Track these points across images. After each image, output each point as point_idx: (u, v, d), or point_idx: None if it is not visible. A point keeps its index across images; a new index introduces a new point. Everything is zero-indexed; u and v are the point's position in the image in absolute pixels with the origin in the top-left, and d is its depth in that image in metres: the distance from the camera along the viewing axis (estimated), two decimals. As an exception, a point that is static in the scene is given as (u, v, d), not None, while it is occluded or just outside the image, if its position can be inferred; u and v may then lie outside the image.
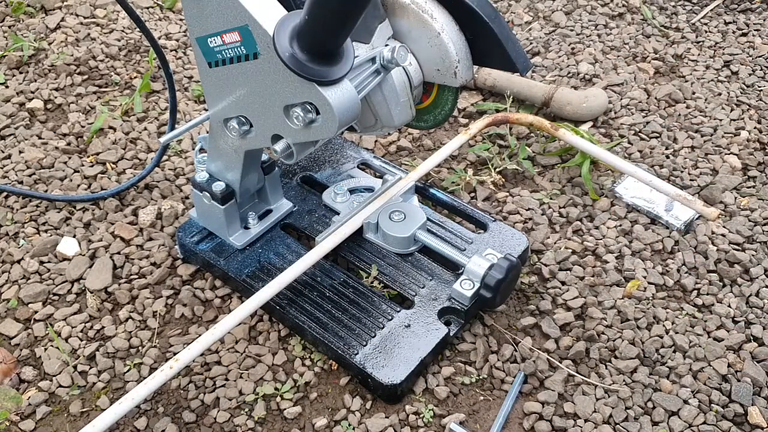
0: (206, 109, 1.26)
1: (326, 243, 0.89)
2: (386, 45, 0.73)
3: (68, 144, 1.18)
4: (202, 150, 0.95)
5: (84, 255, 0.99)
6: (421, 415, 0.82)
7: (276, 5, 0.69)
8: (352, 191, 1.01)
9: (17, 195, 1.08)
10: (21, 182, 1.11)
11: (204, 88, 0.81)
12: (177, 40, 1.42)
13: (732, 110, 1.26)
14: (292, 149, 0.76)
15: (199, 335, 0.80)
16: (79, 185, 1.11)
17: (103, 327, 0.91)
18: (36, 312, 0.93)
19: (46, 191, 1.09)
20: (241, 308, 0.81)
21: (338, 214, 0.98)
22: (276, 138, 0.77)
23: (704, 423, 0.81)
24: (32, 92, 1.29)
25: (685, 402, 0.83)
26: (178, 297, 0.94)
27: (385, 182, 0.99)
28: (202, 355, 0.85)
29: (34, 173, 1.12)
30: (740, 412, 0.82)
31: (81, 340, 0.90)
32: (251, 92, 0.75)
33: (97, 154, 1.16)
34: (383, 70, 0.73)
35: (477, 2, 0.71)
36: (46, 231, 1.04)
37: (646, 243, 1.01)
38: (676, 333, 0.90)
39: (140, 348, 0.89)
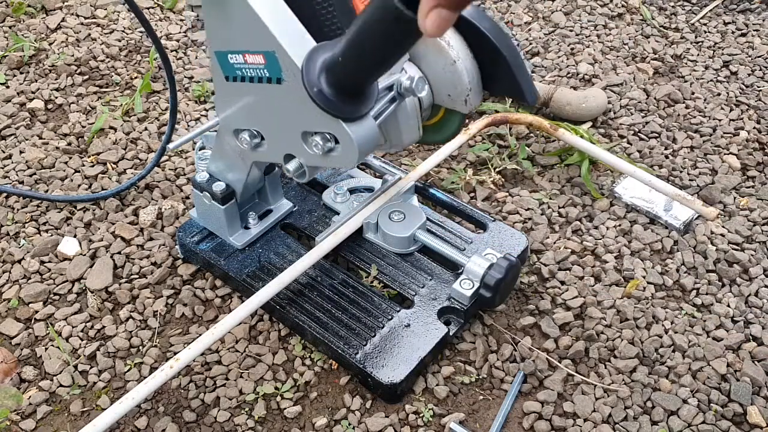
0: (207, 110, 1.26)
1: (326, 243, 0.89)
2: (403, 71, 0.73)
3: (69, 144, 1.18)
4: (202, 148, 0.95)
5: (85, 255, 1.00)
6: (421, 415, 0.82)
7: (304, 34, 0.68)
8: (352, 191, 1.01)
9: (16, 195, 1.08)
10: (22, 182, 1.11)
11: (216, 97, 0.79)
12: (177, 41, 1.43)
13: (731, 110, 1.26)
14: (304, 169, 0.76)
15: (200, 335, 0.80)
16: (79, 185, 1.11)
17: (104, 327, 0.91)
18: (36, 312, 0.93)
19: (47, 191, 1.10)
20: (242, 308, 0.81)
21: (338, 214, 0.98)
22: (289, 157, 0.76)
23: (703, 422, 0.81)
24: (33, 92, 1.29)
25: (685, 401, 0.83)
26: (179, 297, 0.94)
27: (385, 182, 0.99)
28: (202, 354, 0.85)
29: (34, 173, 1.13)
30: (739, 411, 0.82)
31: (81, 340, 0.90)
32: (269, 113, 0.74)
33: (98, 154, 1.16)
34: (399, 97, 0.73)
35: (493, 32, 0.69)
36: (46, 231, 1.04)
37: (646, 243, 1.01)
38: (676, 333, 0.90)
39: (141, 347, 0.89)
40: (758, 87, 1.32)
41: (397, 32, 0.54)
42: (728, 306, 0.93)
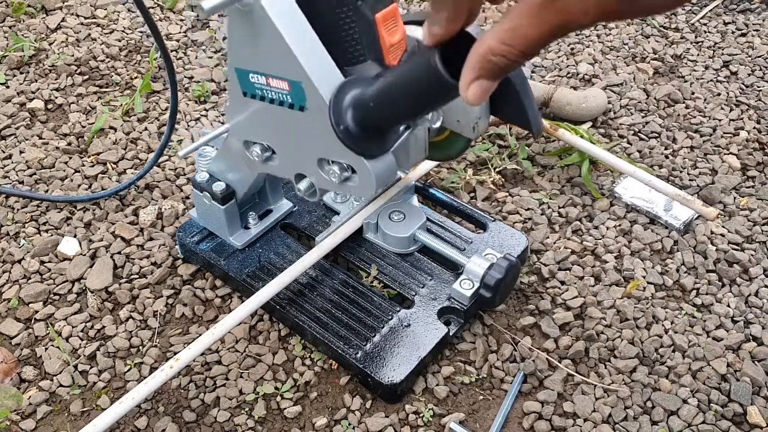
0: (207, 110, 1.26)
1: (326, 243, 0.89)
2: None
3: (69, 144, 1.18)
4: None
5: (84, 255, 1.00)
6: (421, 415, 0.82)
7: (333, 67, 0.66)
8: (352, 191, 1.01)
9: (10, 196, 1.08)
10: (22, 182, 1.11)
11: (230, 106, 0.77)
12: (177, 41, 1.43)
13: (731, 110, 1.26)
14: (315, 188, 0.76)
15: (200, 335, 0.80)
16: (79, 185, 1.11)
17: (104, 327, 0.91)
18: (36, 312, 0.93)
19: (47, 191, 1.10)
20: (242, 308, 0.81)
21: (338, 214, 0.98)
22: (300, 176, 0.75)
23: (703, 422, 0.81)
24: (33, 92, 1.29)
25: (685, 401, 0.83)
26: (179, 297, 0.94)
27: (385, 182, 0.99)
28: (202, 354, 0.85)
29: (34, 173, 1.13)
30: (739, 411, 0.82)
31: (81, 340, 0.90)
32: (285, 134, 0.72)
33: (98, 154, 1.16)
34: (413, 125, 0.73)
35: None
36: (46, 231, 1.04)
37: (646, 243, 1.01)
38: (675, 333, 0.90)
39: (141, 347, 0.89)
40: (758, 87, 1.32)
41: (436, 94, 0.55)
42: (728, 306, 0.93)
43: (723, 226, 1.04)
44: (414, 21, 0.75)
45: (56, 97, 1.28)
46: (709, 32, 1.48)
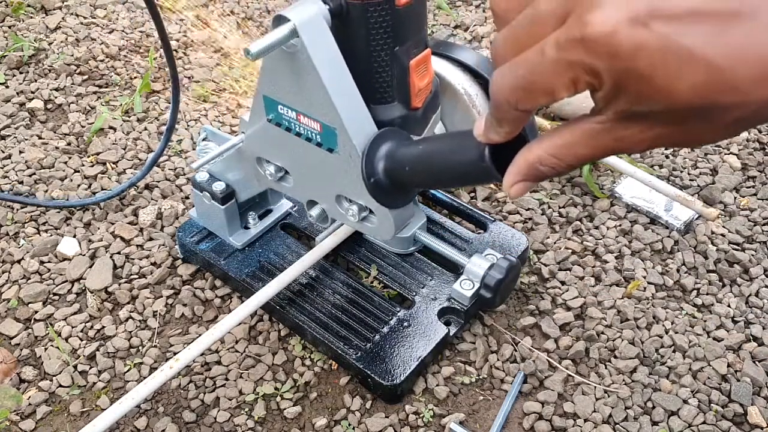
0: (206, 110, 1.26)
1: (326, 243, 0.89)
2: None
3: (68, 144, 1.18)
4: (204, 139, 0.93)
5: (84, 255, 0.99)
6: (421, 415, 0.82)
7: (368, 118, 0.65)
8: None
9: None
10: (21, 182, 1.11)
11: (249, 121, 0.75)
12: (177, 41, 1.42)
13: (731, 110, 1.26)
14: (326, 214, 0.75)
15: (200, 335, 0.80)
16: (79, 185, 1.11)
17: (104, 327, 0.91)
18: (36, 312, 0.93)
19: (46, 191, 1.09)
20: (241, 308, 0.81)
21: (338, 214, 0.98)
22: (312, 203, 0.75)
23: (704, 423, 0.81)
24: (32, 92, 1.29)
25: (685, 402, 0.83)
26: (179, 297, 0.94)
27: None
28: (202, 354, 0.85)
29: (34, 173, 1.12)
30: (740, 411, 0.82)
31: (81, 340, 0.90)
32: (307, 165, 0.71)
33: (98, 154, 1.16)
34: None
35: None
36: (46, 231, 1.04)
37: (646, 243, 1.01)
38: (676, 333, 0.90)
39: (140, 348, 0.89)
40: (758, 87, 1.32)
41: (477, 178, 0.57)
42: (729, 306, 0.93)
43: (723, 226, 1.04)
44: (435, 53, 0.75)
45: (56, 97, 1.28)
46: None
